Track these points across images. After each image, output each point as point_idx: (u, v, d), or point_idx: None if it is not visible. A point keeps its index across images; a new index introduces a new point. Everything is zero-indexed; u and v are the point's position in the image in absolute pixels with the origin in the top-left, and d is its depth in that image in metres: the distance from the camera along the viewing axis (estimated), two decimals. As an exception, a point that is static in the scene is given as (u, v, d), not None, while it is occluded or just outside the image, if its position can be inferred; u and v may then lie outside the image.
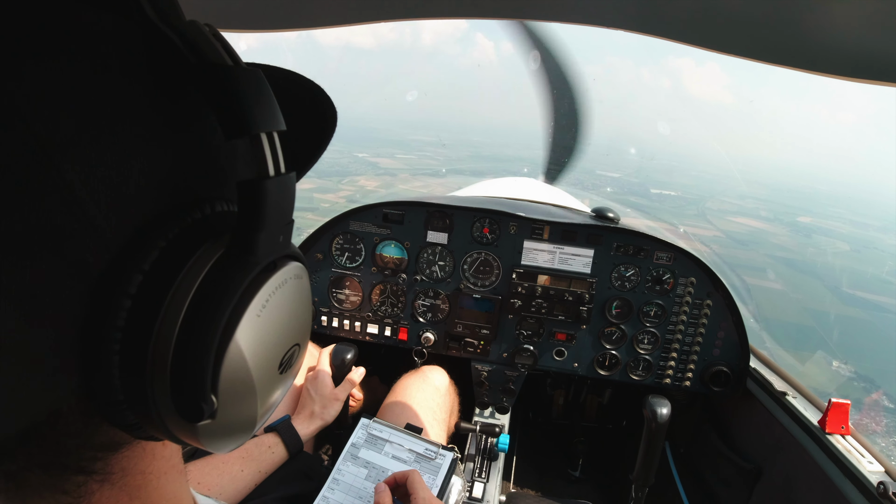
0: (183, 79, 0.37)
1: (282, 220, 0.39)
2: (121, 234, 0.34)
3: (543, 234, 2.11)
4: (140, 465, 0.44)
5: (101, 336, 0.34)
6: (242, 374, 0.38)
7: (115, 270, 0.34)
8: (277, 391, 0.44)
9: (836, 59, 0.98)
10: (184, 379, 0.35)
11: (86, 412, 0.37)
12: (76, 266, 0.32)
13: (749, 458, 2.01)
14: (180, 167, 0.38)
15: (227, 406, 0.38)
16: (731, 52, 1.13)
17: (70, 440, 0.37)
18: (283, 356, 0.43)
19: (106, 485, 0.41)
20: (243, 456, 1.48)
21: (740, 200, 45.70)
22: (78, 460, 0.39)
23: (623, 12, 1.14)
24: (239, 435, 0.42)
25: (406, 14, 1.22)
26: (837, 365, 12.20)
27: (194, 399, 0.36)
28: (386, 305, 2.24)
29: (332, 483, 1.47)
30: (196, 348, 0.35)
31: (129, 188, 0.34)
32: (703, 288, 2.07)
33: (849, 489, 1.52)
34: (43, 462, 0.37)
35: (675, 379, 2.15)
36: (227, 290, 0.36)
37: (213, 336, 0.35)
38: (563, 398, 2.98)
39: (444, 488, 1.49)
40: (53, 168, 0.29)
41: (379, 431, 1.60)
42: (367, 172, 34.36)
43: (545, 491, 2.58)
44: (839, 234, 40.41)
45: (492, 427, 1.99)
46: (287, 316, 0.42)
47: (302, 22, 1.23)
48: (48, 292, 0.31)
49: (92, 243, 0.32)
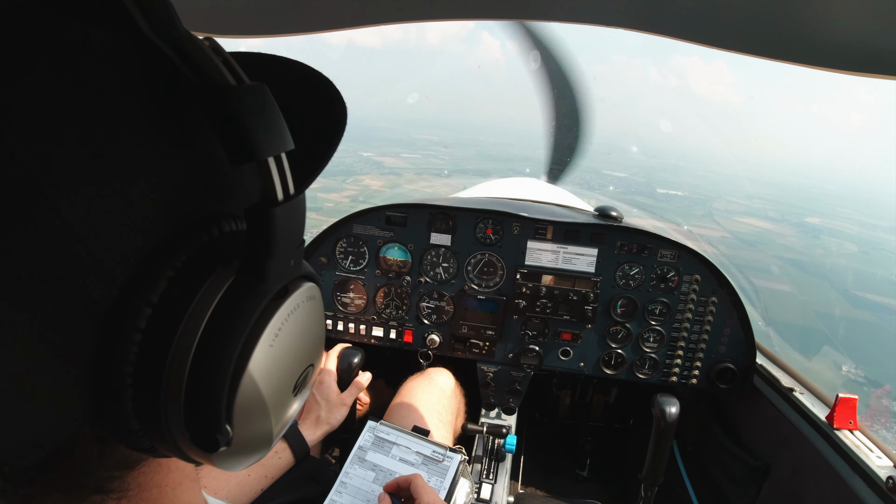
0: (182, 96, 0.35)
1: (292, 243, 0.38)
2: (127, 266, 0.33)
3: (547, 233, 2.11)
4: (156, 479, 0.44)
5: (112, 370, 0.33)
6: (257, 402, 0.37)
7: (122, 304, 0.33)
8: (291, 411, 0.44)
9: (842, 53, 0.98)
10: (198, 411, 0.35)
11: (102, 438, 0.37)
12: (82, 304, 0.31)
13: (757, 455, 2.00)
14: (185, 188, 0.36)
15: (242, 432, 0.38)
16: (736, 49, 1.13)
17: (87, 464, 0.37)
18: (297, 378, 0.43)
19: (123, 501, 0.41)
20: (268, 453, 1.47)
21: (748, 200, 45.51)
22: (95, 481, 0.39)
23: (627, 11, 1.15)
24: (254, 455, 0.42)
25: (410, 16, 1.23)
26: (847, 369, 12.04)
27: (209, 431, 0.35)
28: (390, 308, 2.25)
29: (339, 486, 1.47)
30: (209, 381, 0.35)
31: (134, 218, 0.33)
32: (708, 285, 2.06)
33: (858, 484, 1.52)
34: (61, 486, 0.37)
35: (681, 377, 2.14)
36: (240, 321, 0.35)
37: (226, 368, 0.35)
38: (570, 398, 2.98)
39: (451, 490, 1.49)
40: (50, 209, 0.28)
41: (386, 434, 1.60)
42: (372, 172, 34.35)
43: (553, 491, 2.57)
44: (847, 234, 40.12)
45: (498, 428, 1.99)
46: (301, 339, 0.42)
47: (305, 26, 1.24)
48: (56, 332, 0.30)
49: (97, 280, 0.31)
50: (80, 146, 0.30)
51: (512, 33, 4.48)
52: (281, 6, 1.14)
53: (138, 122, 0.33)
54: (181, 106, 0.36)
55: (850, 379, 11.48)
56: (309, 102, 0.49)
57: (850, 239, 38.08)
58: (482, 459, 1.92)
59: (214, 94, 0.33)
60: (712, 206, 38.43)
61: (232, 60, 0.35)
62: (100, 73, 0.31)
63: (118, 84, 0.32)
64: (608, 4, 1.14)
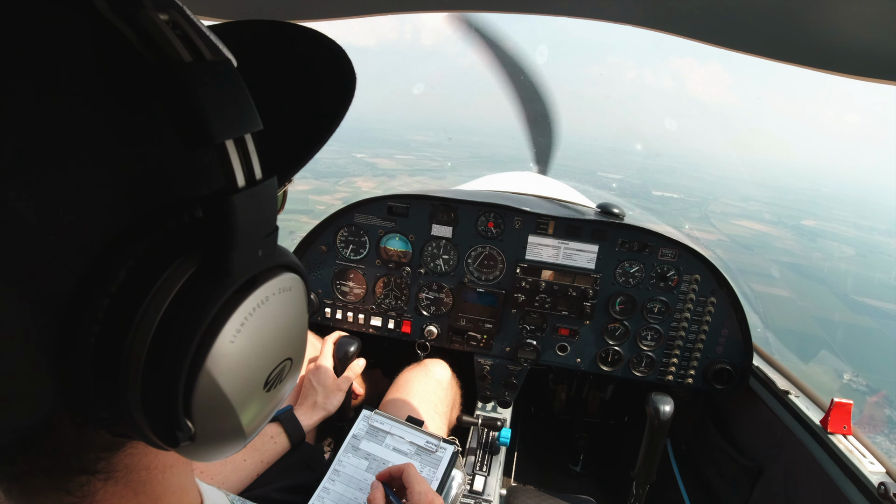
0: (139, 79, 0.33)
1: (260, 232, 0.36)
2: (84, 256, 0.31)
3: (548, 229, 2.10)
4: (144, 461, 0.43)
5: (74, 359, 0.32)
6: (218, 398, 0.36)
7: (81, 295, 0.31)
8: (266, 408, 0.42)
9: (845, 57, 0.98)
10: (156, 406, 0.33)
11: (78, 422, 0.36)
12: (38, 296, 0.30)
13: (750, 456, 2.01)
14: (148, 173, 0.34)
15: (206, 427, 0.36)
16: (738, 49, 1.12)
17: (67, 446, 0.37)
18: (269, 374, 0.40)
19: (110, 482, 0.40)
20: (246, 446, 1.48)
21: (743, 203, 45.37)
22: (79, 462, 0.38)
23: (631, 7, 1.14)
24: (229, 447, 0.41)
25: (407, 7, 1.22)
26: (849, 377, 11.84)
27: (168, 426, 0.34)
28: (390, 298, 2.24)
29: (332, 474, 1.48)
30: (164, 375, 0.33)
31: (89, 207, 0.31)
32: (707, 285, 2.06)
33: (849, 489, 1.52)
34: (45, 466, 0.37)
35: (677, 376, 2.15)
36: (195, 315, 0.33)
37: (180, 363, 0.33)
38: (566, 393, 2.98)
39: (444, 481, 1.49)
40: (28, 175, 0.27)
41: (380, 423, 1.61)
42: (365, 173, 34.12)
43: (546, 485, 2.58)
44: (844, 237, 39.95)
45: (493, 421, 2.00)
46: (272, 333, 0.39)
47: (319, 13, 1.23)
48: (13, 324, 0.29)
49: (52, 271, 0.30)
50: (27, 135, 0.28)
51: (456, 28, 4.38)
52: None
53: (94, 109, 0.31)
54: (139, 90, 0.33)
55: (851, 388, 11.32)
56: (320, 67, 0.46)
57: (847, 242, 37.95)
58: (476, 451, 1.92)
59: (164, 73, 0.30)
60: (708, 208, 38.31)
61: (195, 35, 0.32)
62: (51, 54, 0.29)
63: (69, 68, 0.30)
64: (617, 0, 1.13)
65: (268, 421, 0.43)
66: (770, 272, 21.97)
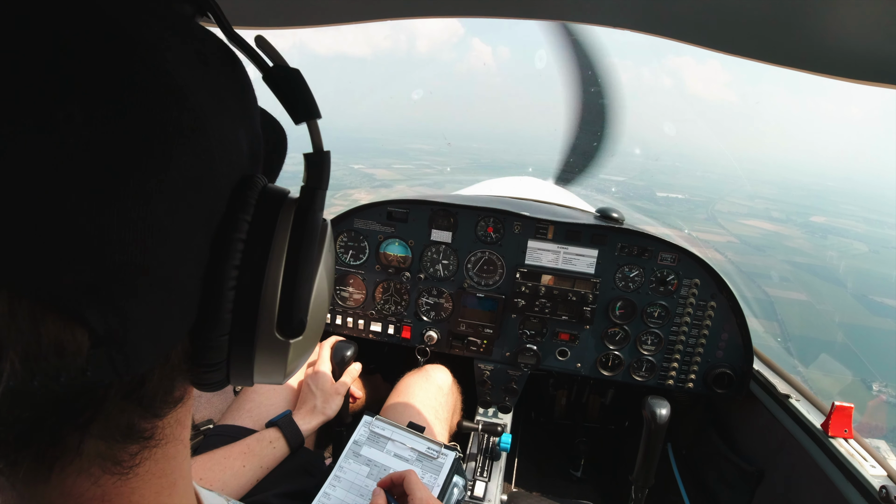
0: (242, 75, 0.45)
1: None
2: (231, 189, 0.41)
3: (548, 233, 2.11)
4: (176, 432, 0.45)
5: (221, 274, 0.40)
6: (321, 299, 0.47)
7: (229, 219, 0.40)
8: (322, 326, 0.52)
9: (842, 61, 0.98)
10: (290, 303, 0.42)
11: (188, 356, 0.41)
12: (208, 213, 0.38)
13: (751, 461, 2.00)
14: (253, 145, 0.45)
15: (311, 326, 0.46)
16: (736, 53, 1.12)
17: (162, 383, 0.40)
18: (330, 297, 0.52)
19: (149, 459, 0.42)
20: (245, 452, 1.49)
21: (750, 201, 44.94)
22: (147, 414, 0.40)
23: (627, 11, 1.14)
24: (308, 351, 0.50)
25: (407, 13, 1.22)
26: (878, 388, 11.16)
27: (299, 317, 0.43)
28: (389, 303, 2.25)
29: (333, 480, 1.48)
30: (298, 279, 0.43)
31: (237, 154, 0.41)
32: (707, 290, 2.06)
33: (851, 493, 1.52)
34: (109, 429, 0.38)
35: (677, 380, 2.15)
36: (312, 235, 0.44)
37: (312, 269, 0.44)
38: (566, 398, 2.98)
39: (445, 488, 1.49)
40: (202, 133, 0.36)
41: (381, 429, 1.61)
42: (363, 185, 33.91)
43: (546, 491, 2.58)
44: (855, 233, 39.27)
45: (494, 426, 2.00)
46: (333, 260, 0.53)
47: (315, 19, 1.23)
48: (189, 233, 0.37)
49: (218, 195, 0.39)
50: (213, 98, 0.38)
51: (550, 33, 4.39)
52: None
53: (233, 92, 0.42)
54: (248, 84, 0.46)
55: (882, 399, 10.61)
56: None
57: (858, 238, 37.25)
58: (477, 457, 1.92)
59: (287, 73, 0.44)
60: (715, 208, 37.92)
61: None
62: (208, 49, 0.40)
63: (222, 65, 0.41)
64: (614, 5, 1.13)
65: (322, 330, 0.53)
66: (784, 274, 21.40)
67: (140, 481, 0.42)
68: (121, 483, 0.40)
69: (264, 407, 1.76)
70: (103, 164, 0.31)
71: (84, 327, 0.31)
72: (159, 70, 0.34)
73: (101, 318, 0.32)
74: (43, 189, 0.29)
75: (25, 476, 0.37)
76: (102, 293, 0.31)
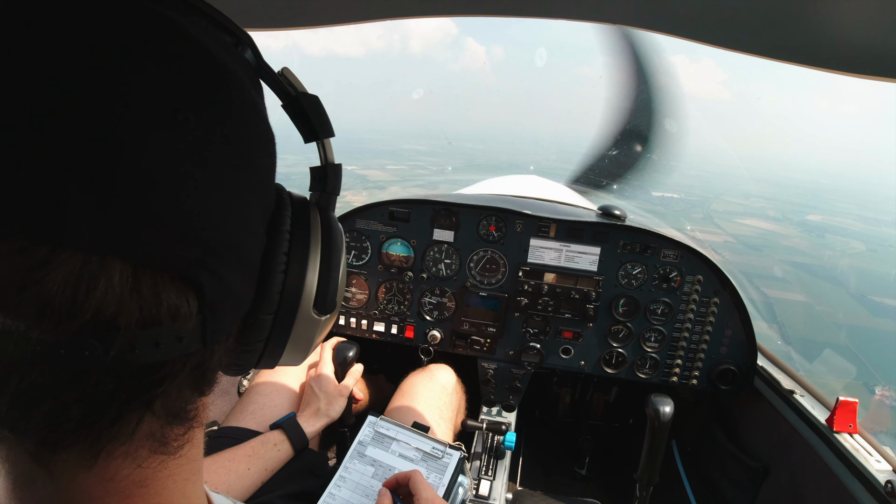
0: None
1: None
2: (276, 190, 0.50)
3: (550, 231, 2.10)
4: (203, 416, 0.48)
5: (274, 258, 0.47)
6: (342, 281, 0.55)
7: (277, 213, 0.48)
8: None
9: (842, 54, 0.98)
10: (326, 284, 0.51)
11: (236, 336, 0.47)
12: (267, 206, 0.47)
13: (756, 457, 2.00)
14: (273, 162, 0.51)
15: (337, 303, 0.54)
16: (736, 49, 1.12)
17: (220, 361, 0.44)
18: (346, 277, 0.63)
19: (189, 442, 0.45)
20: (249, 454, 1.49)
21: (745, 200, 44.74)
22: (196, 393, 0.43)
23: (626, 8, 1.14)
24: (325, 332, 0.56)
25: (403, 12, 1.22)
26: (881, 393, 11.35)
27: (332, 296, 0.52)
28: (392, 303, 2.25)
29: (338, 480, 1.48)
30: (331, 265, 0.51)
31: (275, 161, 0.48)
32: (710, 286, 2.06)
33: (856, 488, 1.52)
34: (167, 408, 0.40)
35: (681, 377, 2.14)
36: (337, 229, 0.54)
37: (340, 256, 0.53)
38: (570, 396, 2.98)
39: (450, 487, 1.49)
40: (271, 142, 0.46)
41: (386, 430, 1.61)
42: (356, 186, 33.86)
43: (551, 489, 2.58)
44: (852, 231, 39.06)
45: (498, 425, 1.99)
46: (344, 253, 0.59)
47: (309, 20, 1.23)
48: (258, 221, 0.44)
49: (273, 192, 0.48)
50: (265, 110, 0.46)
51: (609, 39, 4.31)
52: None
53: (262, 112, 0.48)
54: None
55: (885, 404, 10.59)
56: None
57: (855, 236, 37.07)
58: (481, 456, 1.92)
59: (306, 99, 0.52)
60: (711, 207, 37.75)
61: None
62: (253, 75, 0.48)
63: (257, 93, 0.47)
64: (613, 2, 1.13)
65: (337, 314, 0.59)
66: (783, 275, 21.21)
67: (177, 466, 0.44)
68: (162, 467, 0.42)
69: (268, 409, 1.75)
70: (211, 159, 0.37)
71: (196, 293, 0.37)
72: (244, 90, 0.42)
73: (211, 285, 0.37)
74: (169, 176, 0.34)
75: (69, 464, 0.38)
76: (210, 265, 0.37)
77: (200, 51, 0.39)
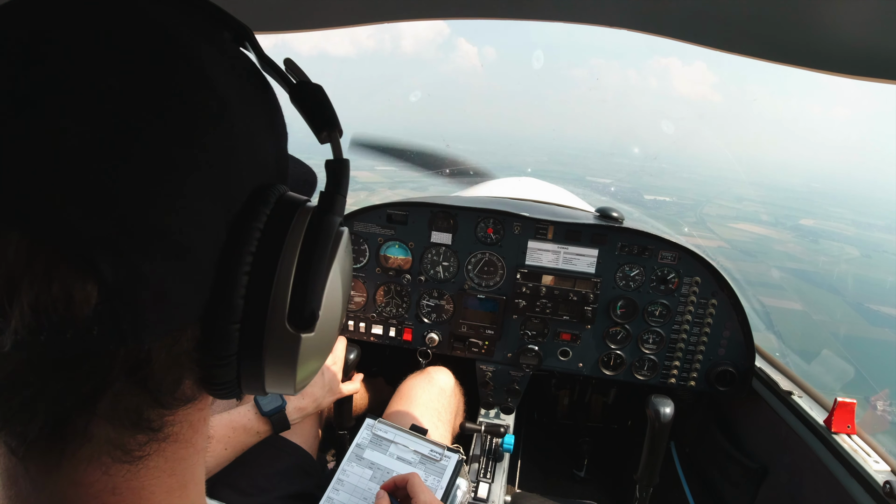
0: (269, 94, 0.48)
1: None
2: (252, 187, 0.42)
3: (547, 234, 2.11)
4: (187, 434, 0.45)
5: (236, 257, 0.40)
6: (334, 298, 0.46)
7: (248, 209, 0.41)
8: (339, 327, 0.51)
9: (840, 56, 0.98)
10: (303, 294, 0.42)
11: (198, 345, 0.40)
12: (227, 198, 0.40)
13: (755, 458, 2.00)
14: (280, 161, 0.49)
15: (322, 322, 0.44)
16: (731, 51, 1.13)
17: (170, 369, 0.39)
18: (348, 295, 0.52)
19: (158, 454, 0.42)
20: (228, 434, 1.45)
21: (738, 203, 44.76)
22: (155, 403, 0.40)
23: (623, 10, 1.14)
24: (326, 351, 0.49)
25: (401, 15, 1.22)
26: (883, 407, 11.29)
27: (310, 309, 0.42)
28: (390, 306, 2.24)
29: (336, 483, 1.47)
30: (311, 272, 0.42)
31: (263, 158, 0.44)
32: (708, 287, 2.07)
33: (855, 488, 1.52)
34: (117, 411, 0.38)
35: (680, 379, 2.14)
36: (329, 233, 0.44)
37: (326, 265, 0.43)
38: (568, 398, 2.98)
39: (449, 490, 1.48)
40: (227, 121, 0.39)
41: (384, 432, 1.60)
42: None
43: (550, 491, 2.57)
44: (846, 237, 39.06)
45: (497, 427, 1.99)
46: (350, 266, 0.52)
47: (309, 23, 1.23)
48: (207, 211, 0.38)
49: (240, 185, 0.41)
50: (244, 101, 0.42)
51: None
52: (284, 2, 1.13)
53: (263, 102, 0.46)
54: (274, 99, 0.48)
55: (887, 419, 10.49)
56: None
57: (849, 242, 37.06)
58: (480, 459, 1.92)
59: (311, 88, 0.47)
60: (703, 211, 37.74)
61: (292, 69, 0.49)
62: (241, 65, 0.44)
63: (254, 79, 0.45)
64: (609, 4, 1.14)
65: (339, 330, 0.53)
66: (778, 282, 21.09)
67: (150, 477, 0.42)
68: (130, 476, 0.41)
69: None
70: (129, 124, 0.33)
71: (94, 279, 0.32)
72: (193, 62, 0.38)
73: (113, 269, 0.32)
74: (69, 142, 0.31)
75: (39, 461, 0.37)
76: (117, 247, 0.32)
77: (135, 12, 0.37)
